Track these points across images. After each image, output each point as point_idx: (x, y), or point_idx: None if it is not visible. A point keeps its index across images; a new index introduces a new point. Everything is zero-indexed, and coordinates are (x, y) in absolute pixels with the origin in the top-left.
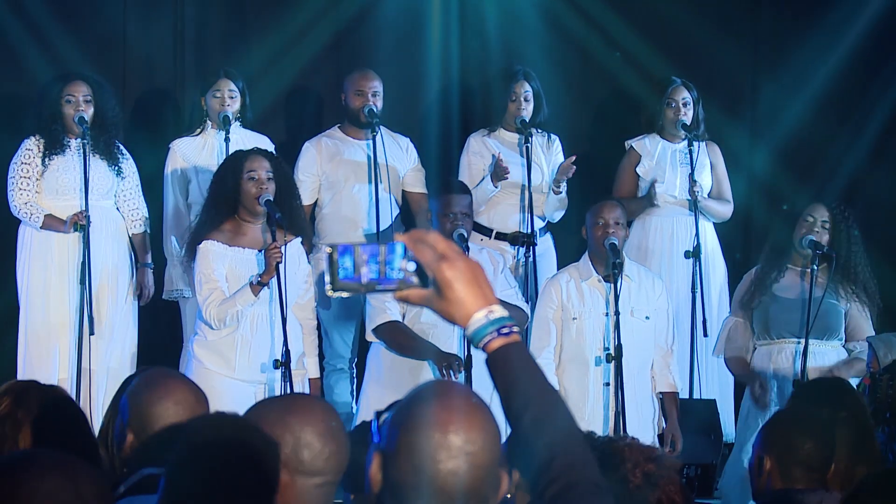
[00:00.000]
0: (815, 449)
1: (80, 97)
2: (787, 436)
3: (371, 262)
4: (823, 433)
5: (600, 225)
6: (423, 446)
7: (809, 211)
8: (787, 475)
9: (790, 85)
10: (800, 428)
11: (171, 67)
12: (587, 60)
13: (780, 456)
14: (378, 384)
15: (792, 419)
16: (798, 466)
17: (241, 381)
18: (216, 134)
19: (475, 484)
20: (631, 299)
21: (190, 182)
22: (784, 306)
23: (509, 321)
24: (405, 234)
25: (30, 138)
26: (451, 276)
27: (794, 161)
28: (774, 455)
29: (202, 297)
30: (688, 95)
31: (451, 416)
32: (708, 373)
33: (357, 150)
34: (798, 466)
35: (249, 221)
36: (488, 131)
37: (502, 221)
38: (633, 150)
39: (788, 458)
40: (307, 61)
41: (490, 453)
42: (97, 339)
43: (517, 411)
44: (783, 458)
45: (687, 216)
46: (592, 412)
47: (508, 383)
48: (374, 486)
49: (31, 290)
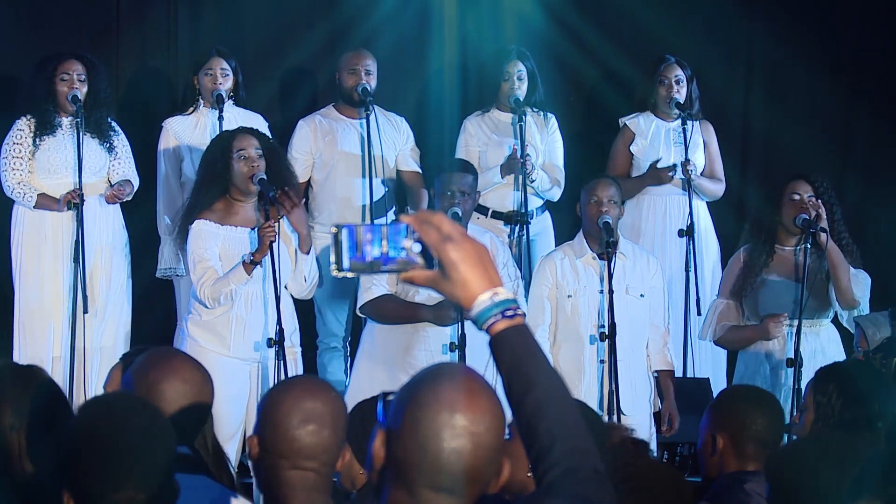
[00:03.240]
0: (767, 423)
1: (75, 75)
2: (738, 412)
3: (375, 242)
4: (773, 408)
5: (594, 203)
6: (428, 424)
7: (793, 188)
8: (741, 453)
9: None
10: (750, 404)
11: (165, 47)
12: (581, 40)
13: (733, 433)
14: (370, 360)
15: (741, 395)
16: (752, 442)
17: (236, 359)
18: (209, 112)
19: (478, 465)
20: (626, 277)
21: (183, 160)
22: (775, 290)
23: (514, 303)
24: (411, 215)
25: (21, 119)
26: (455, 258)
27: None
28: (727, 432)
29: (195, 277)
30: (681, 73)
31: (458, 396)
32: (701, 352)
33: (351, 129)
34: (752, 442)
35: (241, 200)
36: (483, 112)
37: (499, 200)
38: (626, 127)
39: (742, 434)
40: (301, 40)
41: (494, 436)
42: (91, 317)
43: (519, 394)
44: (736, 434)
45: (680, 195)
46: (587, 390)
47: (511, 366)
48: (377, 462)
49: (25, 269)
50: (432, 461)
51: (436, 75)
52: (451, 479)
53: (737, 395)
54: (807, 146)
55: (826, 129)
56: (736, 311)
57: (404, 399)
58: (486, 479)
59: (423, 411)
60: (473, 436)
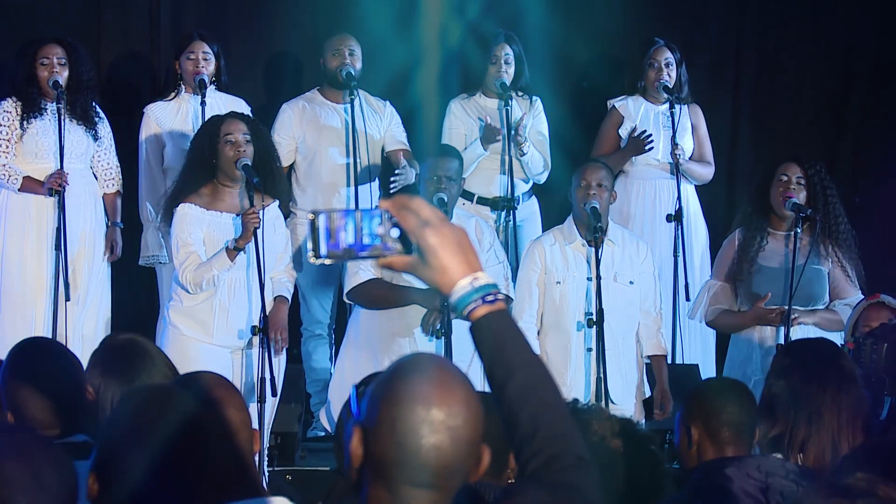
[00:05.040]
0: (737, 407)
1: (55, 59)
2: (708, 400)
3: (349, 228)
4: (742, 395)
5: (582, 186)
6: (405, 421)
7: (782, 170)
8: (716, 439)
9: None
10: (719, 392)
11: (147, 31)
12: (571, 21)
13: (706, 421)
14: (355, 348)
15: (709, 386)
16: (725, 427)
17: (219, 346)
18: (191, 98)
19: (457, 458)
20: (614, 264)
21: (165, 147)
22: (768, 276)
23: (494, 288)
24: (389, 199)
25: (7, 100)
26: (434, 243)
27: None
28: (700, 421)
29: (178, 261)
30: (670, 56)
31: (433, 390)
32: (691, 337)
33: (335, 113)
34: (725, 427)
35: (228, 186)
36: (468, 96)
37: (484, 186)
38: (615, 110)
39: (714, 420)
40: (284, 23)
41: (472, 428)
42: (72, 304)
43: (501, 381)
44: (709, 421)
45: (669, 179)
46: (574, 378)
47: (492, 352)
48: (355, 460)
49: (8, 254)
50: (411, 458)
51: (421, 59)
52: (431, 475)
53: (705, 387)
54: (797, 130)
55: (817, 113)
56: (730, 294)
57: (379, 395)
58: (465, 471)
59: (399, 408)
60: (451, 430)
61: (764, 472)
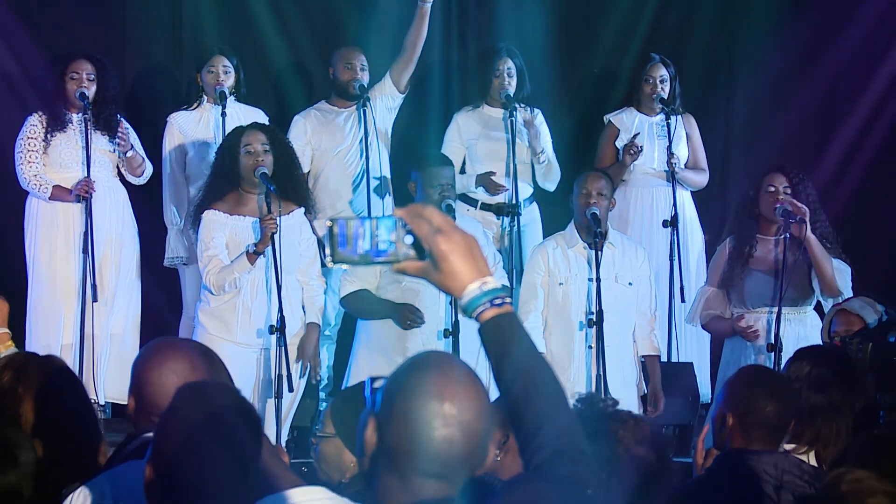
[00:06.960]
0: (776, 411)
1: (84, 74)
2: (750, 396)
3: (366, 235)
4: (786, 395)
5: (584, 195)
6: (419, 413)
7: (769, 180)
8: (747, 435)
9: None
10: (763, 389)
11: (169, 44)
12: (569, 35)
13: (742, 415)
14: (368, 348)
15: (756, 379)
16: (759, 428)
17: (242, 345)
18: (212, 108)
19: (467, 451)
20: (615, 266)
21: (187, 154)
22: (759, 280)
23: (502, 293)
24: (403, 208)
25: (33, 115)
26: (446, 249)
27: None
28: (736, 414)
29: (203, 265)
30: (665, 72)
31: (447, 385)
32: (686, 337)
33: (345, 122)
34: (759, 428)
35: (251, 192)
36: (473, 108)
37: (488, 192)
38: (611, 124)
39: (750, 418)
40: (299, 38)
41: (482, 423)
42: (100, 306)
43: (508, 380)
44: (745, 417)
45: (665, 187)
46: (576, 374)
47: (500, 352)
48: (369, 448)
49: (38, 259)
50: (423, 449)
51: (426, 72)
52: (441, 466)
53: (751, 379)
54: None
55: (807, 121)
56: (722, 299)
57: (394, 388)
58: (473, 464)
59: (414, 400)
60: (462, 424)
61: (780, 471)
